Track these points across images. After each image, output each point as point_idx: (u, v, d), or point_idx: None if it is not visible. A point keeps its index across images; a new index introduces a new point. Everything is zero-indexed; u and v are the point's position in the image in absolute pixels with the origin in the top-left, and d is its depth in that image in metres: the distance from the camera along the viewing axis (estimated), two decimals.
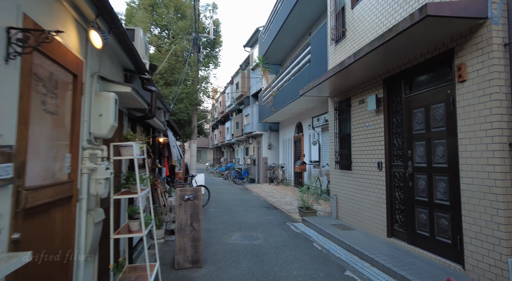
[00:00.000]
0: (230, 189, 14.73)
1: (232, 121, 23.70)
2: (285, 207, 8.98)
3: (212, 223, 7.01)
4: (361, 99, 5.84)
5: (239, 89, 21.83)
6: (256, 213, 8.23)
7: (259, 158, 17.80)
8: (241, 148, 23.66)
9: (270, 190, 13.39)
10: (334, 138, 6.90)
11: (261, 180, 17.12)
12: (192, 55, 15.43)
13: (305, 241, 5.49)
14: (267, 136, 17.02)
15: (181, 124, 16.39)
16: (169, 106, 8.00)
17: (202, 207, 8.96)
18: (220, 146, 32.25)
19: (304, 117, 12.81)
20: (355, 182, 5.97)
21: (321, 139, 11.07)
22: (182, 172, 15.83)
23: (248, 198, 11.18)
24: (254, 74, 18.74)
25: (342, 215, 6.47)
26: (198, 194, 4.39)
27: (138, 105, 4.00)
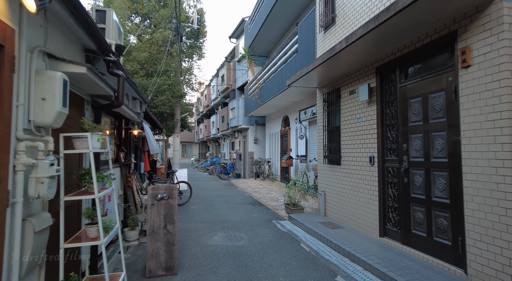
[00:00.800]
0: (215, 184, 14.26)
1: (217, 115, 23.11)
2: (271, 203, 8.60)
3: (193, 222, 6.55)
4: (351, 89, 5.47)
5: (225, 81, 21.24)
6: (240, 210, 7.81)
7: (245, 153, 17.37)
8: (227, 142, 23.15)
9: (256, 185, 13.00)
10: (322, 132, 6.53)
11: (247, 175, 16.71)
12: (175, 45, 14.75)
13: (292, 241, 5.12)
14: (253, 130, 16.59)
15: (164, 117, 15.73)
16: (147, 97, 7.43)
17: (184, 204, 8.50)
18: (206, 140, 31.61)
19: (291, 110, 12.42)
20: (345, 178, 5.62)
21: (309, 133, 10.72)
22: (165, 167, 15.24)
23: (232, 194, 10.75)
24: (240, 66, 18.19)
25: (331, 212, 6.13)
26: (172, 192, 3.92)
27: (102, 91, 3.48)
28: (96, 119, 3.85)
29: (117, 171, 5.25)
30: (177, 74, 15.30)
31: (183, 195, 8.65)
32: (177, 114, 15.54)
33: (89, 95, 3.61)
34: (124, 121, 5.75)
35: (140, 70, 14.22)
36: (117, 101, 3.67)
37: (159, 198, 3.86)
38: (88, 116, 3.59)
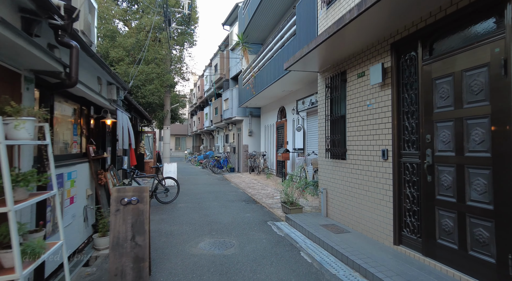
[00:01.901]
0: (207, 179, 13.49)
1: (211, 107, 22.24)
2: (266, 201, 7.87)
3: (178, 224, 5.79)
4: (360, 72, 4.69)
5: (218, 71, 20.31)
6: (232, 209, 7.07)
7: (239, 146, 16.59)
8: (221, 135, 22.35)
9: (251, 180, 12.26)
10: (324, 122, 5.76)
11: (241, 169, 15.97)
12: (164, 31, 13.78)
13: (291, 249, 4.39)
14: (248, 122, 15.78)
15: (153, 108, 14.84)
16: (128, 83, 6.58)
17: (170, 202, 7.73)
18: (200, 133, 30.75)
19: (287, 100, 11.63)
20: (351, 174, 4.89)
21: (307, 125, 9.96)
22: (153, 161, 14.43)
23: (225, 190, 10.00)
24: (234, 55, 17.28)
25: (334, 213, 5.41)
26: (143, 195, 3.14)
27: (46, 66, 2.65)
28: (43, 102, 3.02)
29: (85, 168, 4.44)
30: (167, 62, 14.37)
31: (170, 192, 7.88)
32: (167, 105, 14.64)
33: (31, 71, 2.78)
34: (94, 108, 4.92)
35: (126, 57, 13.27)
36: (69, 80, 2.85)
37: (126, 202, 3.08)
38: (29, 98, 2.77)
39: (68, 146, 3.96)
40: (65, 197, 3.60)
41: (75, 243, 3.94)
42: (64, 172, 3.56)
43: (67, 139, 3.92)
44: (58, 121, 3.62)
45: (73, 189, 3.87)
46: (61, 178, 3.47)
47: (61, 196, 3.48)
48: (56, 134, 3.59)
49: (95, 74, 4.85)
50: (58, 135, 3.65)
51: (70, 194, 3.79)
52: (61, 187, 3.47)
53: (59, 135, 3.66)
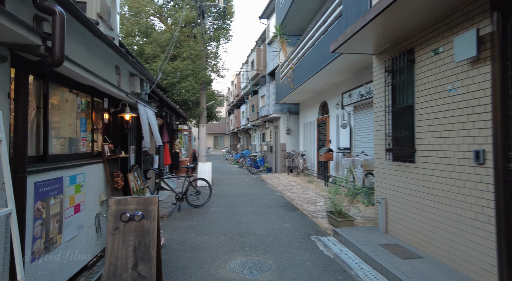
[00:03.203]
0: (243, 179, 12.77)
1: (247, 104, 21.59)
2: (308, 207, 6.89)
3: (207, 233, 5.04)
4: (437, 47, 3.54)
5: (255, 67, 19.56)
6: (269, 216, 6.19)
7: (277, 145, 15.69)
8: (258, 133, 21.62)
9: (289, 182, 11.29)
10: (383, 115, 4.65)
11: (278, 169, 15.05)
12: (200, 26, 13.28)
13: (344, 277, 3.40)
14: (286, 119, 14.81)
15: (188, 105, 14.44)
16: (150, 74, 5.99)
17: (201, 206, 7.06)
18: (236, 132, 30.36)
19: (330, 94, 10.48)
20: (422, 182, 3.76)
21: (354, 121, 8.77)
22: (189, 160, 14.04)
23: (261, 193, 9.16)
24: (271, 48, 16.39)
25: (396, 229, 4.30)
26: (149, 209, 2.37)
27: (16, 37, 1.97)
28: (20, 87, 2.35)
29: (98, 169, 3.83)
30: (202, 58, 13.88)
31: (201, 194, 7.21)
32: (203, 102, 14.19)
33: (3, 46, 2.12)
34: (110, 101, 4.31)
35: (161, 53, 12.97)
36: (52, 56, 2.15)
37: (128, 217, 2.33)
38: (5, 81, 2.11)
39: (73, 144, 3.34)
40: (65, 205, 2.97)
41: (82, 259, 3.31)
42: (63, 176, 2.93)
43: (72, 136, 3.30)
44: (56, 113, 2.99)
45: (79, 195, 3.25)
46: (58, 183, 2.83)
47: (59, 205, 2.84)
48: (55, 130, 2.97)
49: (111, 62, 4.24)
50: (58, 130, 3.03)
51: (75, 201, 3.16)
52: (58, 194, 2.83)
53: (58, 131, 3.04)
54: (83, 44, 3.32)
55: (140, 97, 5.44)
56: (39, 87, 2.72)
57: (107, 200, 4.03)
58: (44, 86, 2.72)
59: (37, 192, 2.51)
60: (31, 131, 2.59)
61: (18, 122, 2.14)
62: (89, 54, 3.48)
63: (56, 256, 2.79)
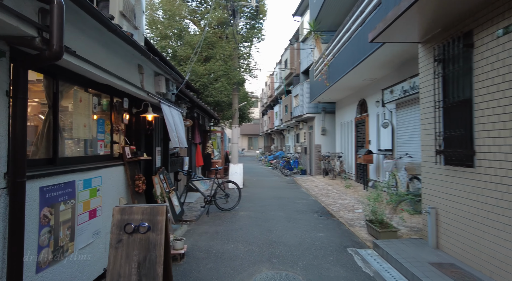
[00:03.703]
0: (276, 182, 12.37)
1: (280, 105, 21.17)
2: (344, 214, 6.32)
3: (233, 240, 4.73)
4: (508, 25, 2.90)
5: (288, 66, 19.09)
6: (301, 223, 5.74)
7: (311, 146, 15.08)
8: (291, 134, 21.10)
9: (324, 185, 10.69)
10: (432, 111, 4.01)
11: (313, 171, 14.43)
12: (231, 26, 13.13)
13: None
14: (321, 119, 14.16)
15: (221, 106, 14.36)
16: (175, 73, 5.84)
17: (230, 210, 6.79)
18: (270, 133, 30.03)
19: (369, 91, 9.73)
20: (484, 191, 3.11)
21: (396, 119, 8.00)
22: (221, 161, 13.94)
23: (294, 197, 8.70)
24: (305, 46, 15.84)
25: (450, 244, 3.66)
26: (157, 219, 2.09)
27: (9, 29, 1.78)
28: (18, 83, 2.16)
29: (118, 172, 3.67)
30: (234, 59, 13.72)
31: (231, 197, 6.94)
32: (235, 103, 14.01)
33: (2, 41, 1.96)
34: (132, 102, 4.16)
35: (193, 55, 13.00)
36: (49, 49, 1.95)
37: (132, 229, 2.06)
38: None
39: (89, 146, 3.19)
40: (78, 211, 2.80)
41: (98, 266, 3.14)
42: (76, 180, 2.76)
43: (88, 137, 3.15)
44: (68, 113, 2.84)
45: (95, 200, 3.08)
46: (70, 188, 2.66)
47: (70, 211, 2.67)
48: (67, 131, 2.81)
49: (133, 61, 4.09)
50: (70, 131, 2.88)
51: (90, 206, 3.00)
52: (70, 199, 2.66)
53: (71, 132, 2.89)
54: (99, 41, 3.16)
55: (166, 98, 5.30)
56: (48, 86, 2.57)
57: (127, 204, 3.87)
58: (53, 84, 2.57)
59: (44, 198, 2.34)
60: (38, 132, 2.44)
61: (16, 121, 1.97)
62: (107, 52, 3.33)
63: (67, 265, 2.62)
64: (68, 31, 2.64)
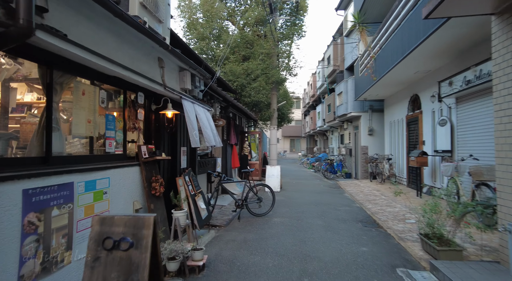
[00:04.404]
0: (317, 185, 11.60)
1: (323, 104, 20.20)
2: (394, 225, 5.47)
3: (262, 251, 4.21)
4: None
5: (331, 63, 18.11)
6: (342, 234, 5.03)
7: (357, 147, 14.00)
8: (335, 135, 19.99)
9: (371, 191, 9.69)
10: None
11: (359, 175, 13.36)
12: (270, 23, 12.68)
13: None
14: (367, 118, 13.06)
15: (259, 107, 13.97)
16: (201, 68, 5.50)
17: (264, 215, 6.28)
18: (313, 134, 28.99)
19: (423, 85, 8.60)
20: None
21: (456, 116, 6.87)
22: (259, 163, 13.50)
23: (336, 203, 7.92)
24: (349, 41, 14.82)
25: None
26: (141, 234, 1.67)
27: None
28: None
29: (132, 173, 3.38)
30: (273, 57, 13.23)
31: (264, 202, 6.43)
32: (274, 103, 13.52)
33: None
34: (150, 97, 3.86)
35: (231, 55, 12.81)
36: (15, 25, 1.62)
37: (112, 244, 1.66)
38: None
39: (94, 144, 2.91)
40: (78, 216, 2.51)
41: None
42: (75, 181, 2.48)
43: (93, 135, 2.87)
44: (66, 107, 2.57)
45: (100, 203, 2.79)
46: (66, 190, 2.37)
47: (67, 216, 2.38)
48: (65, 126, 2.54)
49: (152, 54, 3.81)
50: (69, 127, 2.61)
51: (94, 211, 2.71)
52: (66, 203, 2.37)
53: (70, 128, 2.62)
54: (109, 29, 2.88)
55: (192, 95, 4.98)
56: (42, 76, 2.30)
57: (142, 208, 3.56)
58: (47, 74, 2.30)
59: (28, 202, 2.05)
60: (26, 127, 2.17)
61: None
62: (118, 41, 3.05)
63: (61, 278, 2.32)
64: (69, 16, 2.37)
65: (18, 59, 2.17)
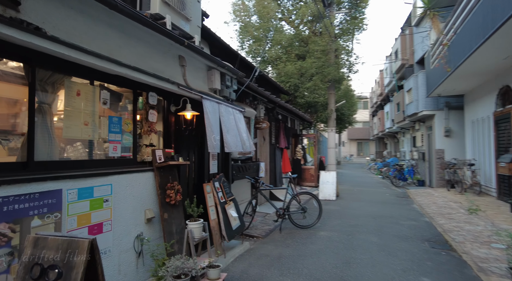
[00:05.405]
0: (381, 194, 10.31)
1: (391, 103, 18.30)
2: (473, 249, 4.30)
3: (294, 273, 3.61)
4: None
5: (399, 57, 16.26)
6: (399, 257, 4.11)
7: (431, 151, 12.18)
8: (407, 137, 17.88)
9: (447, 202, 8.16)
10: None
11: (434, 183, 11.56)
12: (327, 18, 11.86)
13: None
14: (442, 117, 11.23)
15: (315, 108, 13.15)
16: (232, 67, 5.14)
17: (309, 227, 5.61)
18: (382, 136, 26.59)
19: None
20: None
21: None
22: (315, 168, 12.64)
23: (399, 215, 6.78)
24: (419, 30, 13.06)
25: None
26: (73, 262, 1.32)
27: None
28: None
29: (144, 179, 3.14)
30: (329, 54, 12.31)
31: (308, 212, 5.75)
32: (331, 103, 12.56)
33: None
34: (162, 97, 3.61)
35: (283, 55, 12.31)
36: None
37: (39, 273, 1.33)
38: None
39: (94, 148, 2.73)
40: (69, 226, 2.33)
41: None
42: (64, 188, 2.29)
43: (91, 138, 2.68)
44: (55, 108, 2.41)
45: (99, 212, 2.58)
46: (51, 198, 2.20)
47: (53, 226, 2.20)
48: (53, 129, 2.38)
49: (170, 51, 3.58)
50: (59, 130, 2.45)
51: (91, 220, 2.51)
52: (51, 212, 2.19)
53: (60, 131, 2.45)
54: (108, 24, 2.68)
55: (223, 95, 4.65)
56: (26, 74, 2.16)
57: (154, 218, 3.29)
58: (29, 72, 2.15)
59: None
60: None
61: None
62: (123, 37, 2.84)
63: None
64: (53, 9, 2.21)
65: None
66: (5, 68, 2.14)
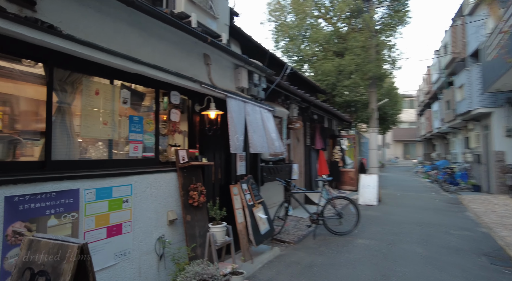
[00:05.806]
0: (429, 199, 9.45)
1: (440, 101, 16.87)
2: None
3: None
4: None
5: (449, 51, 14.92)
6: (448, 273, 3.61)
7: (488, 153, 10.93)
8: (459, 138, 16.33)
9: (509, 211, 7.20)
10: None
11: (492, 188, 10.34)
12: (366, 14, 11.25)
13: None
14: (502, 114, 10.02)
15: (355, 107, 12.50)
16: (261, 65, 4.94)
17: (346, 234, 5.22)
18: (430, 137, 24.68)
19: None
20: None
21: None
22: (355, 171, 11.98)
23: (450, 224, 6.08)
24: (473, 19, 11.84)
25: None
26: (60, 269, 1.22)
27: None
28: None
29: (167, 180, 3.08)
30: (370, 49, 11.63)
31: (344, 218, 5.35)
32: (373, 102, 11.85)
33: None
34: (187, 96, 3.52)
35: (319, 52, 11.87)
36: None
37: (29, 278, 1.25)
38: None
39: (113, 148, 2.70)
40: (86, 226, 2.30)
41: None
42: (81, 188, 2.27)
43: (111, 138, 2.65)
44: (74, 108, 2.40)
45: (118, 213, 2.55)
46: (68, 198, 2.18)
47: (70, 226, 2.18)
48: (71, 128, 2.37)
49: (195, 50, 3.50)
50: (77, 129, 2.44)
51: (110, 221, 2.47)
52: (68, 212, 2.17)
53: (78, 130, 2.44)
54: (128, 22, 2.65)
55: (251, 94, 4.49)
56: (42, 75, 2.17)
57: (177, 219, 3.20)
58: (47, 72, 2.16)
59: (13, 210, 1.89)
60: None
61: None
62: (143, 36, 2.81)
63: None
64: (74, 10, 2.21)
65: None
66: (24, 68, 2.17)
